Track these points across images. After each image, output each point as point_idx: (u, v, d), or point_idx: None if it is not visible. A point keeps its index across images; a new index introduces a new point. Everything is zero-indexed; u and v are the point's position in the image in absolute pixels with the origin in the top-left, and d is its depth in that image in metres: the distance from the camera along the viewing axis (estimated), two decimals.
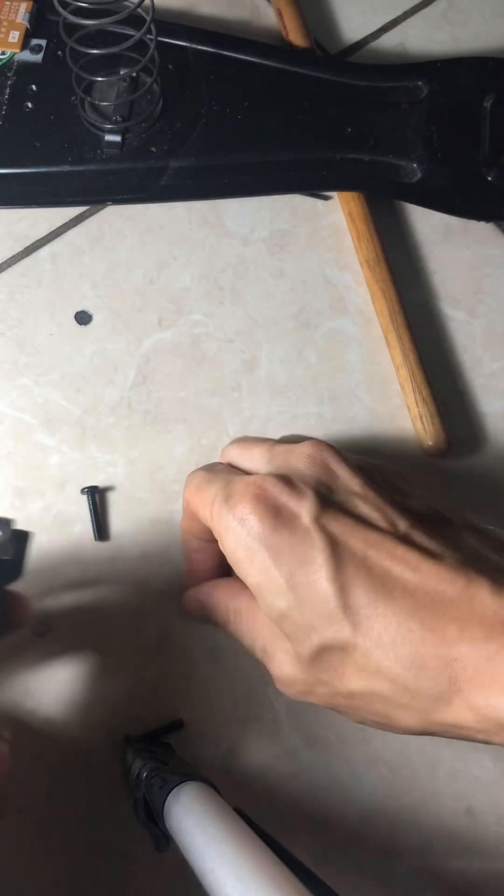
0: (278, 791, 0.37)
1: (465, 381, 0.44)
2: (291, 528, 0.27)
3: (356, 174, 0.45)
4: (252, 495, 0.28)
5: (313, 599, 0.26)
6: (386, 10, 0.52)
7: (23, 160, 0.45)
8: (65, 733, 0.38)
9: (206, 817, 0.29)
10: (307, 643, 0.27)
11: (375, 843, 0.36)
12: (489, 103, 0.46)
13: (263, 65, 0.47)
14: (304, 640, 0.27)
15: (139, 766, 0.34)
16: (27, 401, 0.43)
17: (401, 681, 0.26)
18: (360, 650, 0.26)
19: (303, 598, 0.26)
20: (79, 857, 0.36)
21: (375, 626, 0.26)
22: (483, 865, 0.36)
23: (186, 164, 0.45)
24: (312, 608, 0.26)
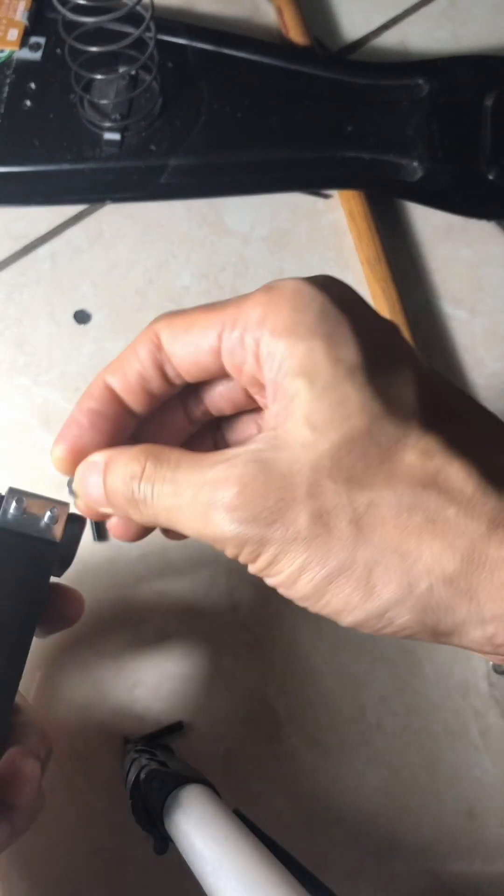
0: (278, 793, 0.37)
1: (466, 381, 0.44)
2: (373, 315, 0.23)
3: (357, 172, 0.45)
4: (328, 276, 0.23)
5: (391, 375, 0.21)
6: (387, 8, 0.51)
7: (21, 158, 0.45)
8: (64, 735, 0.37)
9: (205, 819, 0.29)
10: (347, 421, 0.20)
11: (376, 845, 0.36)
12: (490, 101, 0.46)
13: (263, 63, 0.47)
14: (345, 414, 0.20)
15: (138, 768, 0.34)
16: (26, 400, 0.43)
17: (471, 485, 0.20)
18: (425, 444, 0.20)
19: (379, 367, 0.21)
20: (78, 858, 0.36)
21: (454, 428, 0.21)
22: (484, 867, 0.36)
23: (186, 162, 0.45)
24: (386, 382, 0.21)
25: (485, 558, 0.20)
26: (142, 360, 0.24)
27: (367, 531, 0.20)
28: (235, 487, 0.21)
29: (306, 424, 0.21)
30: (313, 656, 0.38)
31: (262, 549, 0.21)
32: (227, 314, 0.22)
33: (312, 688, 0.38)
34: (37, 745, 0.30)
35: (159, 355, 0.24)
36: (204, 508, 0.21)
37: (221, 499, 0.21)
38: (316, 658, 0.38)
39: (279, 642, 0.38)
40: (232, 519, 0.21)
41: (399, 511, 0.20)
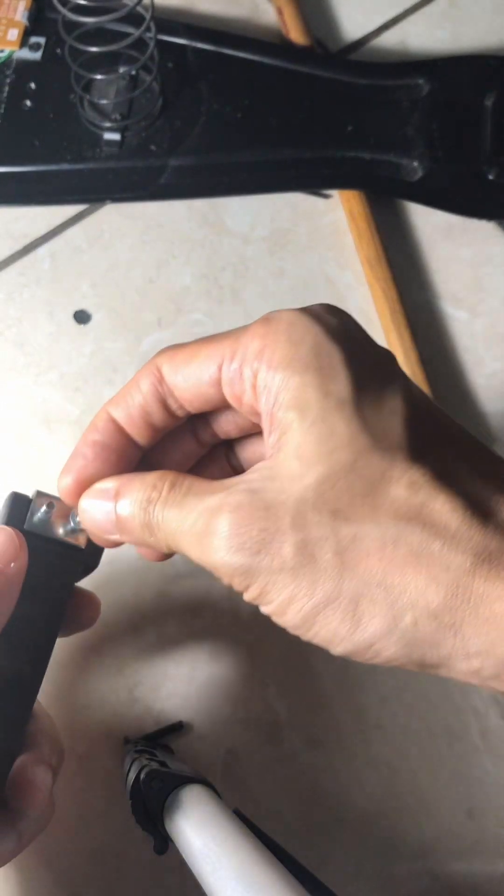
0: (278, 793, 0.37)
1: (467, 381, 0.44)
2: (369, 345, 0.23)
3: (357, 172, 0.45)
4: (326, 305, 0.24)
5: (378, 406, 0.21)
6: (387, 8, 0.51)
7: (21, 158, 0.45)
8: (64, 735, 0.37)
9: (205, 819, 0.29)
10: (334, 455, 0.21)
11: (376, 845, 0.36)
12: (490, 101, 0.46)
13: (263, 63, 0.47)
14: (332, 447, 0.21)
15: (139, 768, 0.34)
16: (26, 400, 0.43)
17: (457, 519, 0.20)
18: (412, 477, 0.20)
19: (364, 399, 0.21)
20: (78, 858, 0.36)
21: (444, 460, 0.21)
22: (484, 867, 0.36)
23: (186, 162, 0.45)
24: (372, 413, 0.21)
25: (469, 593, 0.20)
26: (144, 393, 0.24)
27: (351, 563, 0.20)
28: (229, 516, 0.21)
29: (295, 457, 0.21)
30: (313, 656, 0.38)
31: (252, 579, 0.21)
32: (227, 346, 0.23)
33: (312, 688, 0.38)
34: (49, 754, 0.30)
35: (161, 388, 0.24)
36: (201, 535, 0.22)
37: (216, 526, 0.21)
38: (316, 658, 0.38)
39: (279, 642, 0.38)
40: (222, 547, 0.21)
41: (383, 544, 0.20)
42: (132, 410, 0.25)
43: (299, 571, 0.21)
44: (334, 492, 0.20)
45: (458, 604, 0.20)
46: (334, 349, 0.22)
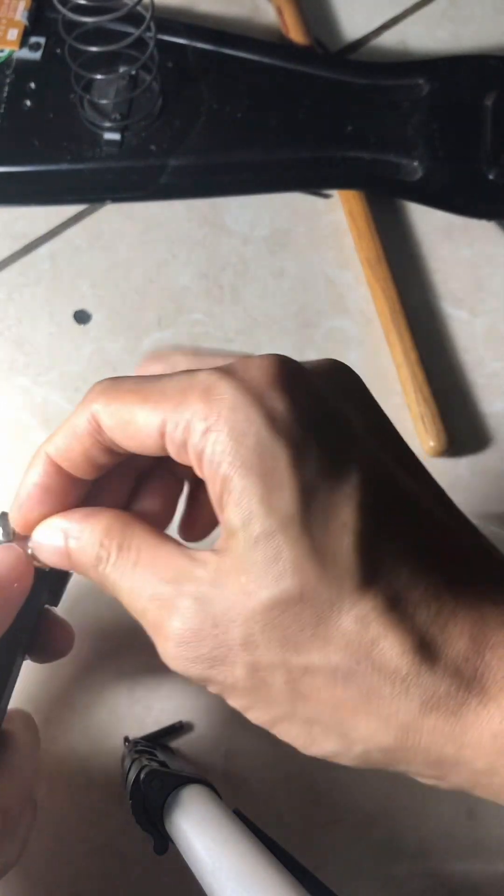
0: (278, 793, 0.37)
1: (467, 381, 0.44)
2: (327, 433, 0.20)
3: (357, 172, 0.45)
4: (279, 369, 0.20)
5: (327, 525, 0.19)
6: (387, 8, 0.51)
7: (21, 158, 0.45)
8: (64, 735, 0.37)
9: (205, 819, 0.29)
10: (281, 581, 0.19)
11: (376, 845, 0.36)
12: (490, 101, 0.46)
13: (263, 63, 0.47)
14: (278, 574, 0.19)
15: (139, 768, 0.34)
16: (26, 400, 0.43)
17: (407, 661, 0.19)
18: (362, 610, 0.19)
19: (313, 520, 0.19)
20: (78, 858, 0.36)
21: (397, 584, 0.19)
22: (484, 867, 0.36)
23: (186, 162, 0.45)
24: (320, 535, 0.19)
25: (418, 738, 0.20)
26: (83, 441, 0.23)
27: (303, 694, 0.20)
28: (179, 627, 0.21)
29: (241, 572, 0.20)
30: None
31: (209, 685, 0.21)
32: (169, 408, 0.21)
33: None
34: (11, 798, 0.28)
35: (101, 437, 0.23)
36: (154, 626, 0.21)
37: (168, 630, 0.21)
38: None
39: None
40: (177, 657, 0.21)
41: (335, 682, 0.20)
42: (73, 455, 0.23)
43: (253, 692, 0.21)
44: (282, 619, 0.20)
45: (408, 745, 0.20)
46: (279, 449, 0.20)
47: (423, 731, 0.20)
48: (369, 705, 0.20)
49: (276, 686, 0.20)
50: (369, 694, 0.20)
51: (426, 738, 0.20)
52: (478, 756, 0.19)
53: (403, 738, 0.20)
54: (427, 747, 0.20)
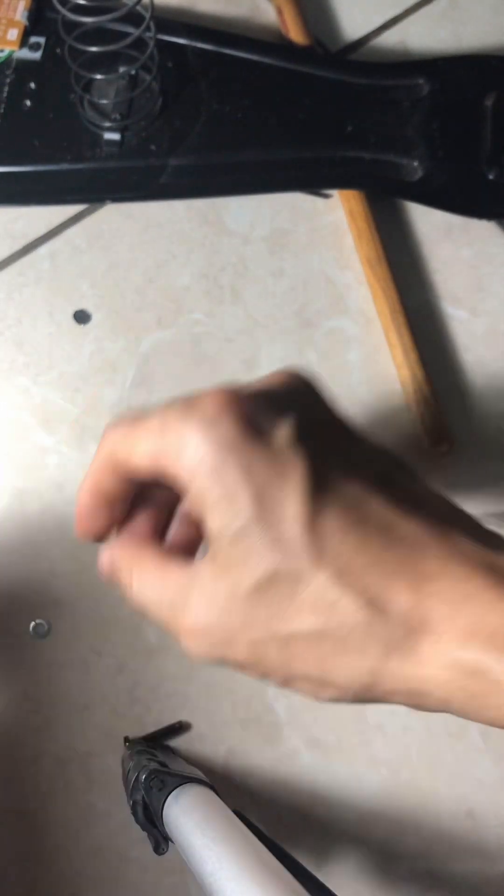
0: (278, 793, 0.37)
1: (467, 381, 0.44)
2: (268, 442, 0.24)
3: (357, 172, 0.45)
4: (225, 400, 0.25)
5: (279, 519, 0.24)
6: (387, 8, 0.51)
7: (21, 158, 0.45)
8: (64, 735, 0.37)
9: (205, 819, 0.29)
10: (256, 569, 0.24)
11: (376, 846, 0.36)
12: (490, 101, 0.46)
13: (263, 63, 0.47)
14: (253, 565, 0.24)
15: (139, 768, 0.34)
16: (26, 400, 0.43)
17: (360, 618, 0.23)
18: (318, 580, 0.24)
19: (268, 516, 0.24)
20: (78, 858, 0.36)
21: (342, 555, 0.24)
22: (484, 867, 0.36)
23: (186, 162, 0.45)
24: (276, 528, 0.24)
25: (387, 677, 0.24)
26: (108, 482, 0.28)
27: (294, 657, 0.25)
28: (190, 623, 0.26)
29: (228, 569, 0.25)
30: None
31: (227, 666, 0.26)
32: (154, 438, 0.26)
33: None
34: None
35: (124, 473, 0.27)
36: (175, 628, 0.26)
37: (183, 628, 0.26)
38: None
39: None
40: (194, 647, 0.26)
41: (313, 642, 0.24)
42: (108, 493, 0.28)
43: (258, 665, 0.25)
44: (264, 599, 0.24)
45: (383, 683, 0.24)
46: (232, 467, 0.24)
47: (388, 671, 0.24)
48: (344, 656, 0.24)
49: (271, 656, 0.25)
50: (341, 646, 0.24)
51: (393, 676, 0.24)
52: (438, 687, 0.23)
53: (377, 679, 0.24)
54: (396, 684, 0.24)
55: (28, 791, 0.37)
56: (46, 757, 0.37)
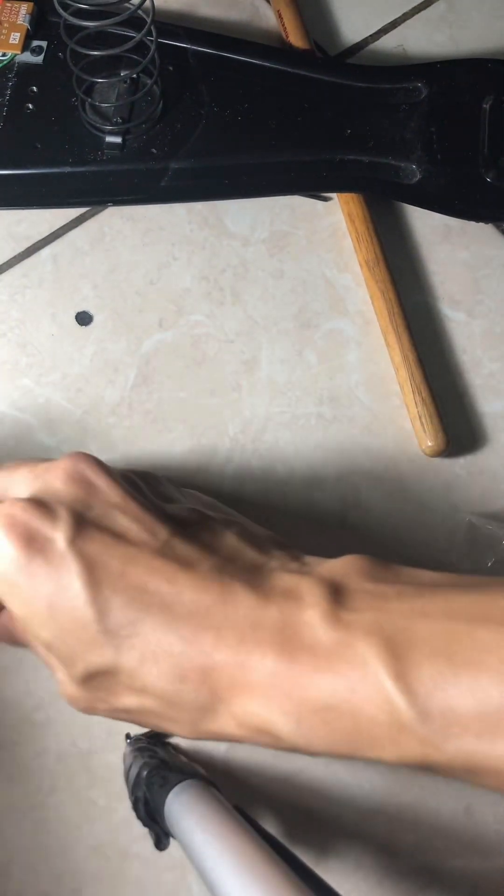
0: (278, 789, 0.37)
1: (465, 382, 0.44)
2: (46, 554, 0.26)
3: (356, 175, 0.46)
4: (3, 524, 0.27)
5: (75, 626, 0.26)
6: (385, 12, 0.52)
7: (23, 161, 0.45)
8: (65, 731, 0.38)
9: (206, 815, 0.30)
10: (76, 669, 0.27)
11: (375, 842, 0.37)
12: (488, 104, 0.46)
13: (263, 66, 0.48)
14: (72, 666, 0.27)
15: (140, 765, 0.34)
16: (28, 401, 0.43)
17: (167, 696, 0.26)
18: (126, 671, 0.26)
19: (65, 625, 0.26)
20: (80, 854, 0.36)
21: (137, 645, 0.26)
22: (482, 864, 0.36)
23: (187, 165, 0.46)
24: (75, 635, 0.26)
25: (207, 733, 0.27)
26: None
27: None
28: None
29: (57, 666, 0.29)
30: None
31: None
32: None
33: None
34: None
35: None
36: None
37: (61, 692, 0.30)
38: None
39: None
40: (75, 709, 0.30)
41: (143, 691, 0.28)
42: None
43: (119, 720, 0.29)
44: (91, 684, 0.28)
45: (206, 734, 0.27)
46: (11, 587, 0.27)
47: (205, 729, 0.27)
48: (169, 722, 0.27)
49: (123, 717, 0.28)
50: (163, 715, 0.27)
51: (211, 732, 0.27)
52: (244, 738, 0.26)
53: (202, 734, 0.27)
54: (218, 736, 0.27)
55: (30, 787, 0.37)
56: (48, 754, 0.37)
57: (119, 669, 0.26)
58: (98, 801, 0.37)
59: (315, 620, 0.25)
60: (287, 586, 0.27)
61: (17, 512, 0.27)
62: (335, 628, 0.25)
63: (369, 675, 0.24)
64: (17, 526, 0.27)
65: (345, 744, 0.25)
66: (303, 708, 0.24)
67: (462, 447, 0.43)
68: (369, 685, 0.24)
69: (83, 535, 0.27)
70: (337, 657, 0.24)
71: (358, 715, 0.24)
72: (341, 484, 0.42)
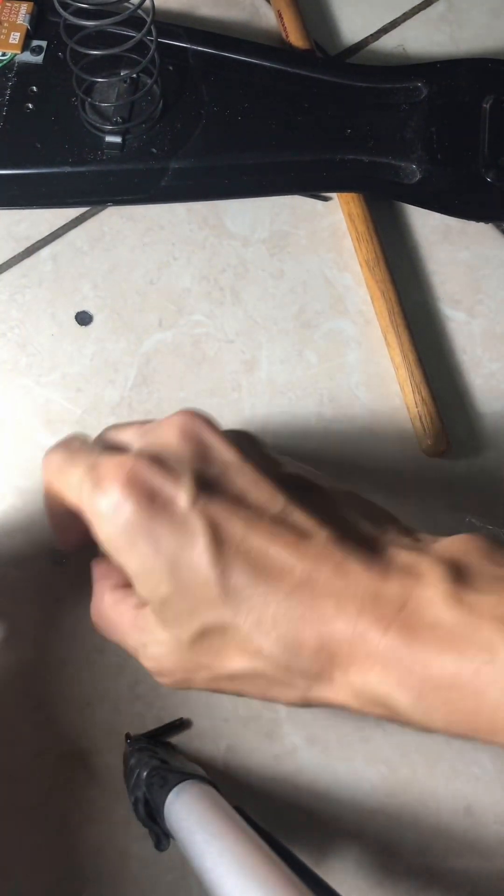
0: (278, 790, 0.37)
1: (465, 382, 0.44)
2: (170, 513, 0.26)
3: (356, 175, 0.46)
4: (124, 480, 0.27)
5: (195, 583, 0.26)
6: (385, 12, 0.52)
7: (23, 161, 0.45)
8: (65, 732, 0.38)
9: (206, 816, 0.30)
10: (189, 627, 0.27)
11: (375, 842, 0.37)
12: (488, 104, 0.46)
13: (263, 66, 0.48)
14: (186, 624, 0.27)
15: (140, 765, 0.34)
16: (28, 401, 0.43)
17: (281, 660, 0.26)
18: (242, 631, 0.26)
19: (185, 582, 0.26)
20: (79, 855, 0.36)
21: (256, 607, 0.26)
22: (482, 864, 0.36)
23: (187, 165, 0.46)
24: (194, 592, 0.26)
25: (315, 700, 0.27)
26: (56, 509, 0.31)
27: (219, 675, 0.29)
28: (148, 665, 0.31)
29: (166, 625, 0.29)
30: None
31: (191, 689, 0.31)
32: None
33: None
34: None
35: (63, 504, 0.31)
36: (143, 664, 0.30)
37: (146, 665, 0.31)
38: None
39: None
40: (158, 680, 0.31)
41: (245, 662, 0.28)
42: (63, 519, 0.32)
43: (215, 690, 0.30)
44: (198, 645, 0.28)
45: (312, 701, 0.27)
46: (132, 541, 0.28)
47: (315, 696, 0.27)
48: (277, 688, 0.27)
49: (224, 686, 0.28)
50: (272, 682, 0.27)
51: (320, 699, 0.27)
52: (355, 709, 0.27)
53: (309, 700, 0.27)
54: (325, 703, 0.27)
55: (30, 788, 0.37)
56: (48, 754, 0.37)
57: (236, 629, 0.26)
58: (98, 801, 0.37)
59: (438, 599, 0.25)
60: (406, 562, 0.26)
61: (139, 469, 0.27)
62: (459, 609, 0.24)
63: (495, 659, 0.23)
64: (139, 483, 0.27)
65: (464, 724, 0.24)
66: (424, 685, 0.24)
67: (462, 447, 0.43)
68: (495, 669, 0.23)
69: (205, 496, 0.27)
70: (461, 638, 0.24)
71: (481, 697, 0.24)
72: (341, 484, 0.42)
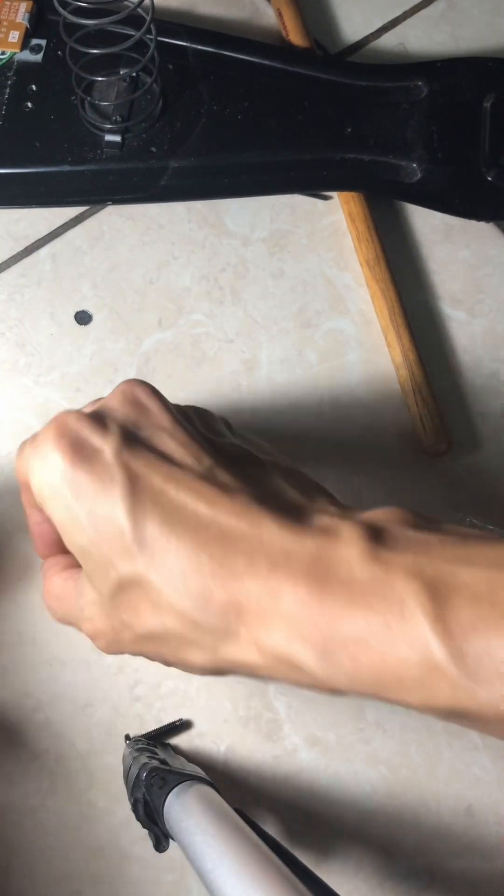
0: (278, 791, 0.37)
1: (465, 381, 0.44)
2: (93, 463, 0.27)
3: (356, 174, 0.45)
4: (54, 432, 0.28)
5: (111, 533, 0.26)
6: (386, 11, 0.52)
7: (23, 160, 0.45)
8: (65, 733, 0.38)
9: (205, 817, 0.30)
10: (107, 580, 0.27)
11: (375, 843, 0.36)
12: (489, 103, 0.46)
13: (263, 64, 0.47)
14: (103, 576, 0.27)
15: (139, 766, 0.34)
16: (27, 401, 0.43)
17: (189, 615, 0.26)
18: (154, 584, 0.26)
19: (101, 531, 0.27)
20: (80, 855, 0.36)
21: (167, 559, 0.26)
22: (483, 865, 0.36)
23: (186, 163, 0.45)
24: (110, 542, 0.26)
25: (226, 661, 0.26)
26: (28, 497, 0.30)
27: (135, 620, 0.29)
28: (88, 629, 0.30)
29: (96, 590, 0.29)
30: None
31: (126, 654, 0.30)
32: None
33: None
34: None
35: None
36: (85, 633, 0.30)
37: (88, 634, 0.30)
38: None
39: None
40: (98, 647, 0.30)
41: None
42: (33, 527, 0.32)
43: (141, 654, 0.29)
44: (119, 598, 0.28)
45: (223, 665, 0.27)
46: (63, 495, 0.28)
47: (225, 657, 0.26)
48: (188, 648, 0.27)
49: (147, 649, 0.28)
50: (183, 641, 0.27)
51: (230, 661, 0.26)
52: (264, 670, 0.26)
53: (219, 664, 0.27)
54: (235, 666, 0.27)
55: (29, 789, 0.37)
56: (48, 755, 0.37)
57: (149, 584, 0.26)
58: (97, 802, 0.37)
59: (353, 556, 0.24)
60: (326, 525, 0.26)
61: (68, 421, 0.28)
62: (373, 565, 0.24)
63: (406, 614, 0.23)
64: (67, 434, 0.27)
65: (370, 682, 0.24)
66: (331, 641, 0.24)
67: (463, 447, 0.42)
68: (405, 624, 0.23)
69: (130, 450, 0.27)
70: (373, 593, 0.24)
71: (388, 653, 0.23)
72: (342, 484, 0.42)
